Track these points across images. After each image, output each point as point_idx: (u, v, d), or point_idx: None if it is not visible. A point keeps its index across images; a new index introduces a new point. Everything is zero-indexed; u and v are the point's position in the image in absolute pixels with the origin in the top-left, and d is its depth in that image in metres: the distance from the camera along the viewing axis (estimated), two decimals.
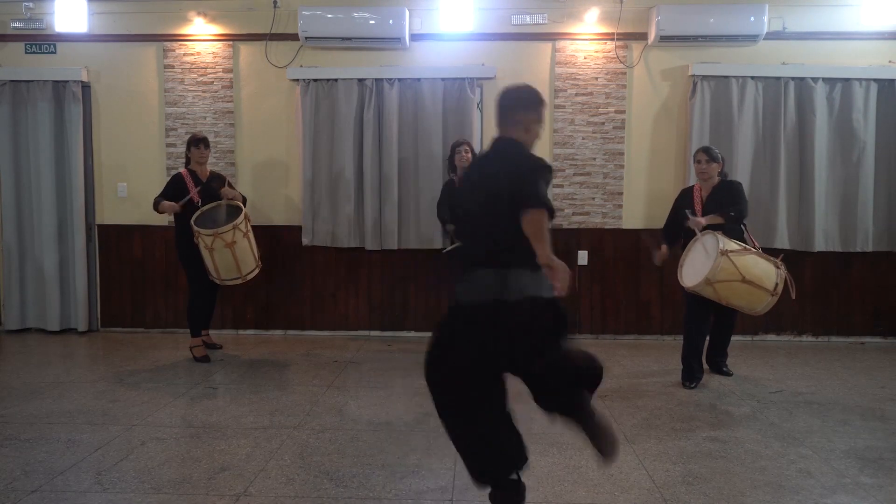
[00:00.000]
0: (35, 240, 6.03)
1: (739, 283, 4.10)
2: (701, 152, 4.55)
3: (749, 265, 4.13)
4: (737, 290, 4.14)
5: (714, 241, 4.18)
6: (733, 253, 4.12)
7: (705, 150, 4.56)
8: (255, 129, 6.00)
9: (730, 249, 4.12)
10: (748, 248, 4.30)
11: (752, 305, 4.24)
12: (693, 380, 4.51)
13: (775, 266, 4.24)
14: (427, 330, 6.02)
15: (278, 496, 2.89)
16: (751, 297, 4.19)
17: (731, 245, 4.17)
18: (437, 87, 5.77)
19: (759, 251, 4.34)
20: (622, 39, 5.82)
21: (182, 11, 5.92)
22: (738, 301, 4.23)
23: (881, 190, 5.76)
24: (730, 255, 4.09)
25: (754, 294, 4.17)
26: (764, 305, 4.21)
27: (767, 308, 4.24)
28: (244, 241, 4.88)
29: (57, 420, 3.80)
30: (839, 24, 5.74)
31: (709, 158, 4.48)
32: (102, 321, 6.20)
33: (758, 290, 4.15)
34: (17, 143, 6.00)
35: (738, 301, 4.24)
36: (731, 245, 4.17)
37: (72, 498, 2.86)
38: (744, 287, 4.12)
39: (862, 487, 3.00)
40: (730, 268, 4.08)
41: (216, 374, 4.80)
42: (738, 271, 4.08)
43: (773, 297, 4.18)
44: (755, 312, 4.31)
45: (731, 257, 4.08)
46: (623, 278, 5.94)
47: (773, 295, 4.17)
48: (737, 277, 4.09)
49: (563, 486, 2.99)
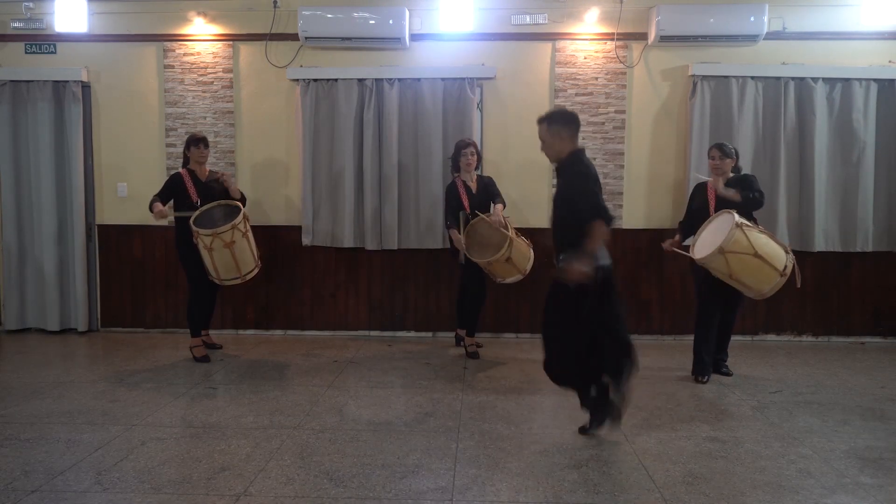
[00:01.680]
0: (35, 240, 6.03)
1: (752, 256, 4.11)
2: (714, 149, 4.65)
3: (762, 242, 4.17)
4: (748, 264, 4.14)
5: (729, 216, 4.24)
6: (747, 227, 4.17)
7: (719, 146, 4.65)
8: (255, 129, 6.00)
9: (745, 223, 4.18)
10: (762, 228, 4.35)
11: (761, 285, 4.21)
12: (705, 373, 4.59)
13: (785, 250, 4.25)
14: (427, 330, 6.05)
15: (278, 496, 2.89)
16: (760, 273, 4.17)
17: (745, 221, 4.22)
18: (437, 87, 5.77)
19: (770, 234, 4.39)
20: (622, 39, 5.82)
21: (182, 11, 5.92)
22: (748, 278, 4.21)
23: (881, 190, 5.77)
24: (744, 227, 4.14)
25: (764, 271, 4.16)
26: (772, 286, 4.19)
27: (775, 289, 4.21)
28: (243, 240, 4.88)
29: (57, 420, 3.80)
30: (839, 24, 5.74)
31: (722, 154, 4.58)
32: (102, 321, 6.20)
33: (768, 268, 4.15)
34: (17, 143, 6.00)
35: (747, 278, 4.21)
36: (746, 221, 4.23)
37: (72, 498, 2.86)
38: (755, 262, 4.13)
39: (862, 487, 3.00)
40: (743, 240, 4.11)
41: (216, 374, 4.80)
42: (751, 245, 4.11)
43: (782, 277, 4.16)
44: (762, 294, 4.27)
45: (745, 230, 4.13)
46: (623, 278, 5.91)
47: (782, 275, 4.16)
48: (749, 251, 4.10)
49: (563, 486, 2.99)
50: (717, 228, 4.33)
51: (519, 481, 3.03)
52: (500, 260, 4.84)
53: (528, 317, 5.97)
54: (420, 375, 4.78)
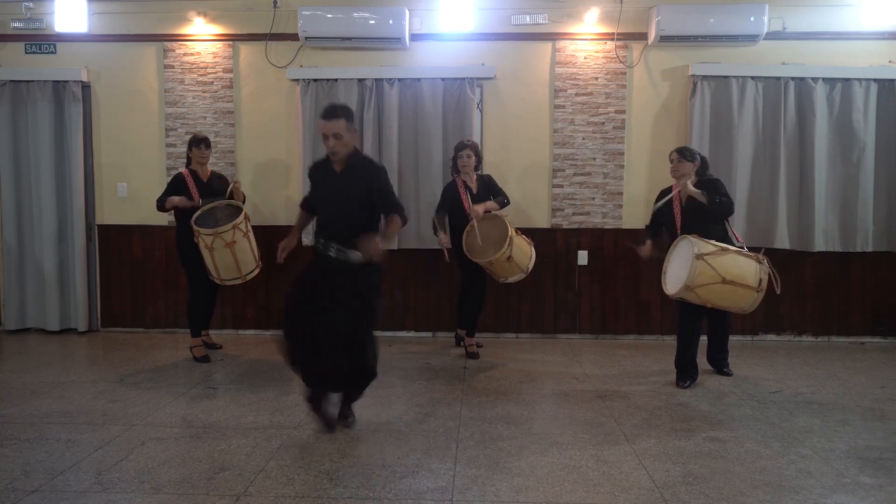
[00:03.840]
0: (35, 240, 6.03)
1: (720, 284, 4.07)
2: (674, 151, 4.57)
3: (727, 265, 4.09)
4: (718, 291, 4.11)
5: (688, 245, 4.16)
6: (709, 255, 4.08)
7: (679, 149, 4.57)
8: (255, 129, 6.00)
9: (705, 252, 4.08)
10: (726, 247, 4.23)
11: (739, 304, 4.20)
12: (685, 379, 4.51)
13: (757, 261, 4.20)
14: (427, 330, 6.05)
15: (278, 496, 2.89)
16: (735, 296, 4.15)
17: (706, 248, 4.12)
18: (437, 87, 5.77)
19: (739, 249, 4.28)
20: (622, 39, 5.82)
21: (182, 11, 5.92)
22: (724, 302, 4.20)
23: (881, 190, 5.76)
24: (705, 258, 4.05)
25: (738, 293, 4.13)
26: (751, 303, 4.18)
27: (755, 305, 4.20)
28: (244, 240, 4.88)
29: (57, 420, 3.80)
30: (839, 24, 5.74)
31: (680, 157, 4.48)
32: (102, 321, 6.20)
33: (741, 289, 4.11)
34: (17, 143, 6.00)
35: (723, 303, 4.20)
36: (707, 248, 4.13)
37: (72, 498, 2.86)
38: (726, 288, 4.09)
39: (862, 487, 3.00)
40: (708, 271, 4.05)
41: (216, 374, 4.80)
42: (716, 273, 4.05)
43: (758, 293, 4.14)
44: (744, 311, 4.27)
45: (706, 260, 4.05)
46: (623, 278, 5.95)
47: (758, 291, 4.13)
48: (716, 280, 4.06)
49: (563, 486, 2.99)
50: (680, 259, 4.26)
51: (519, 481, 3.03)
52: (501, 259, 4.83)
53: (528, 317, 5.97)
54: (420, 375, 4.78)
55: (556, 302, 5.98)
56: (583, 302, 5.96)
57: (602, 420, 3.85)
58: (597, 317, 5.98)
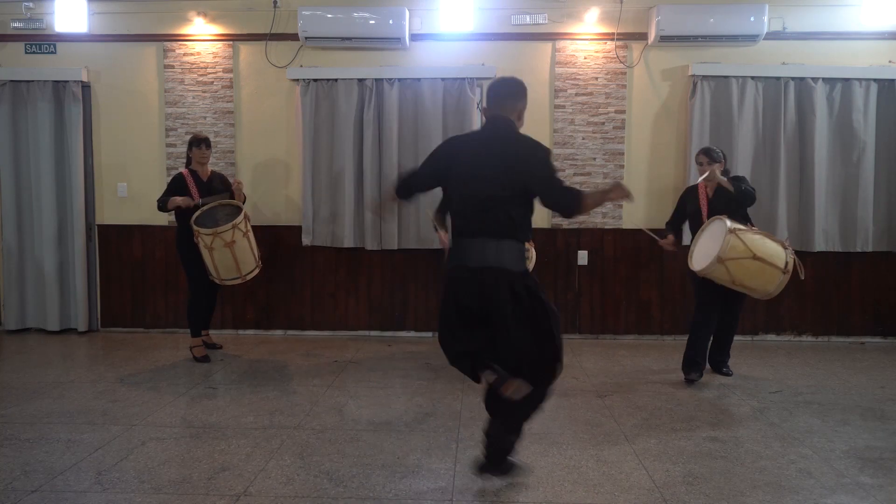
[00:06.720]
0: (35, 240, 6.03)
1: (751, 260, 4.10)
2: (701, 154, 4.57)
3: (758, 243, 4.16)
4: (749, 268, 4.13)
5: (721, 223, 4.23)
6: (741, 231, 4.16)
7: (706, 151, 4.57)
8: (255, 129, 6.00)
9: (738, 228, 4.17)
10: (756, 229, 4.33)
11: (766, 286, 4.20)
12: (693, 370, 4.53)
13: (783, 246, 4.24)
14: (427, 330, 6.05)
15: (278, 496, 2.88)
16: (763, 275, 4.16)
17: (738, 225, 4.21)
18: (437, 87, 5.77)
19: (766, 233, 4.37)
20: (622, 39, 5.82)
21: (182, 11, 5.92)
22: (752, 281, 4.20)
23: (881, 190, 5.76)
24: (738, 232, 4.13)
25: (766, 272, 4.15)
26: (777, 285, 4.18)
27: (780, 287, 4.19)
28: (244, 240, 4.88)
29: (57, 420, 3.80)
30: (839, 24, 5.74)
31: (710, 160, 4.51)
32: (102, 321, 6.20)
33: (769, 268, 4.14)
34: (17, 143, 6.00)
35: (751, 281, 4.20)
36: (739, 226, 4.22)
37: (72, 498, 2.86)
38: (756, 265, 4.12)
39: (862, 487, 3.00)
40: (739, 245, 4.10)
41: (216, 374, 4.80)
42: (748, 248, 4.10)
43: (784, 274, 4.15)
44: (768, 294, 4.26)
45: (739, 235, 4.12)
46: (623, 278, 5.94)
47: (784, 273, 4.15)
48: (747, 255, 4.10)
49: (563, 486, 2.99)
50: (712, 237, 4.31)
51: (519, 481, 3.02)
52: None
53: None
54: (420, 375, 4.78)
55: (556, 302, 5.96)
56: (583, 302, 5.96)
57: (602, 420, 3.85)
58: (597, 317, 5.98)
